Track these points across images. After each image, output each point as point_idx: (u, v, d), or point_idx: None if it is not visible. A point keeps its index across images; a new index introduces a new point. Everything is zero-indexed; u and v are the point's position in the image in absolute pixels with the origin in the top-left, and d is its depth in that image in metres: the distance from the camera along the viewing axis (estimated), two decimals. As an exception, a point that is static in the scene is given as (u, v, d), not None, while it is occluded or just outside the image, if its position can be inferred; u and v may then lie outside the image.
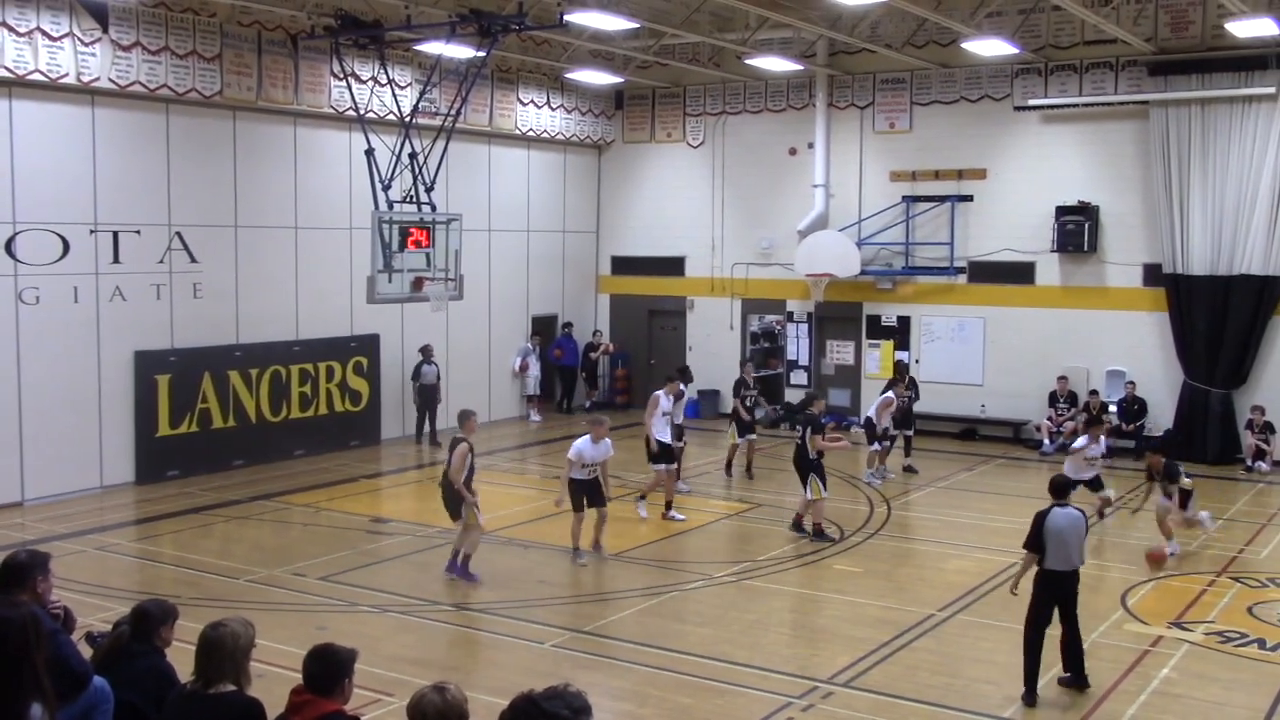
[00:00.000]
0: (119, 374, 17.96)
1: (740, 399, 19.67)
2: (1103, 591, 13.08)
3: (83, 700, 5.75)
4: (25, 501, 16.76)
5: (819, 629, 11.93)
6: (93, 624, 8.24)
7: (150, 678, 6.07)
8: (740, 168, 25.67)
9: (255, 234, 19.80)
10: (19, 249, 16.63)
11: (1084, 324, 22.11)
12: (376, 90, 20.29)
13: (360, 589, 13.05)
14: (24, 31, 15.98)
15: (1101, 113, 21.76)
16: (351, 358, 21.40)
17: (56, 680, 4.36)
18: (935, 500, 18.07)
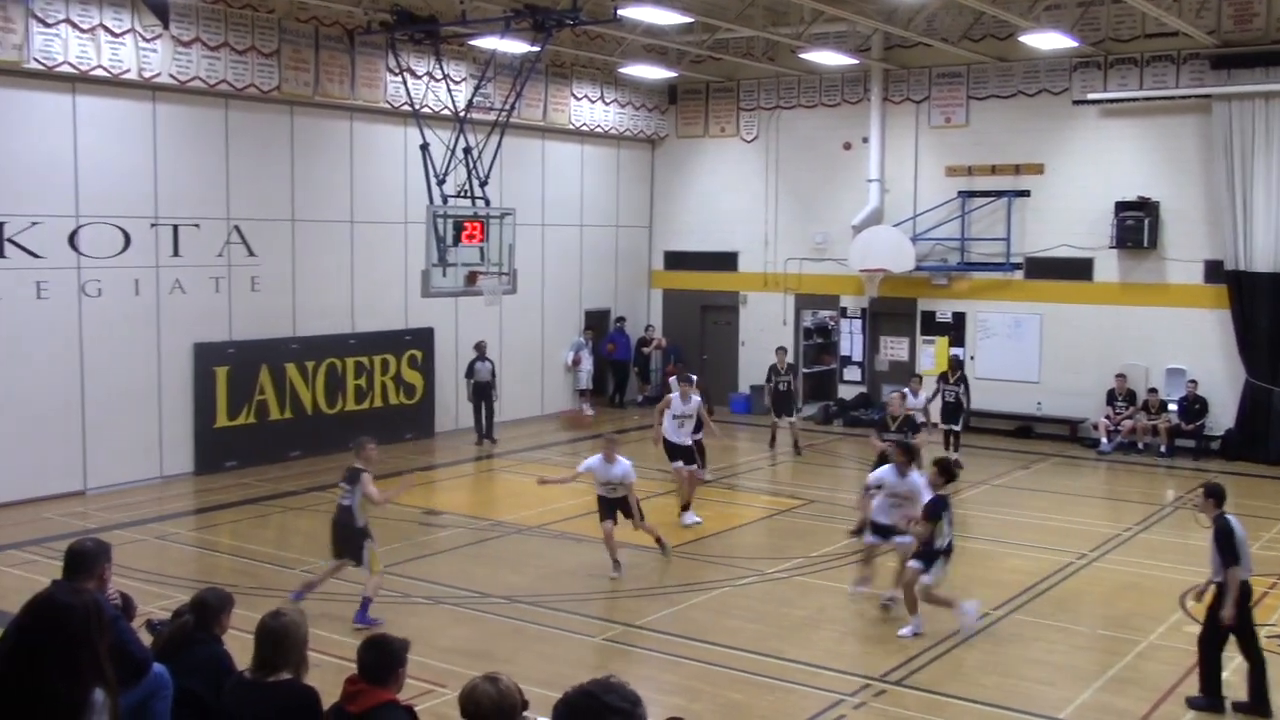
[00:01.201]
0: (178, 366, 18.23)
1: (773, 385, 21.29)
2: (1161, 593, 12.90)
3: (143, 686, 5.85)
4: (88, 491, 17.05)
5: (871, 627, 11.86)
6: (152, 612, 8.37)
7: (209, 665, 6.16)
8: (794, 162, 25.55)
9: (312, 228, 20.01)
10: (82, 242, 16.91)
11: (1143, 321, 21.80)
12: (431, 85, 20.42)
13: (414, 580, 13.16)
14: (87, 28, 16.24)
15: (1162, 107, 21.43)
16: (406, 351, 21.56)
17: (118, 667, 4.43)
18: (990, 498, 17.90)
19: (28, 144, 16.26)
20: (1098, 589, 13.29)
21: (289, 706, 5.55)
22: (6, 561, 13.16)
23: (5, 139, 15.99)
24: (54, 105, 16.53)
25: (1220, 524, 9.52)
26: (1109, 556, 14.51)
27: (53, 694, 4.14)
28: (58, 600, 4.37)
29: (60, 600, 4.36)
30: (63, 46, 15.99)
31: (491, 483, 19.52)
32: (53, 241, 16.58)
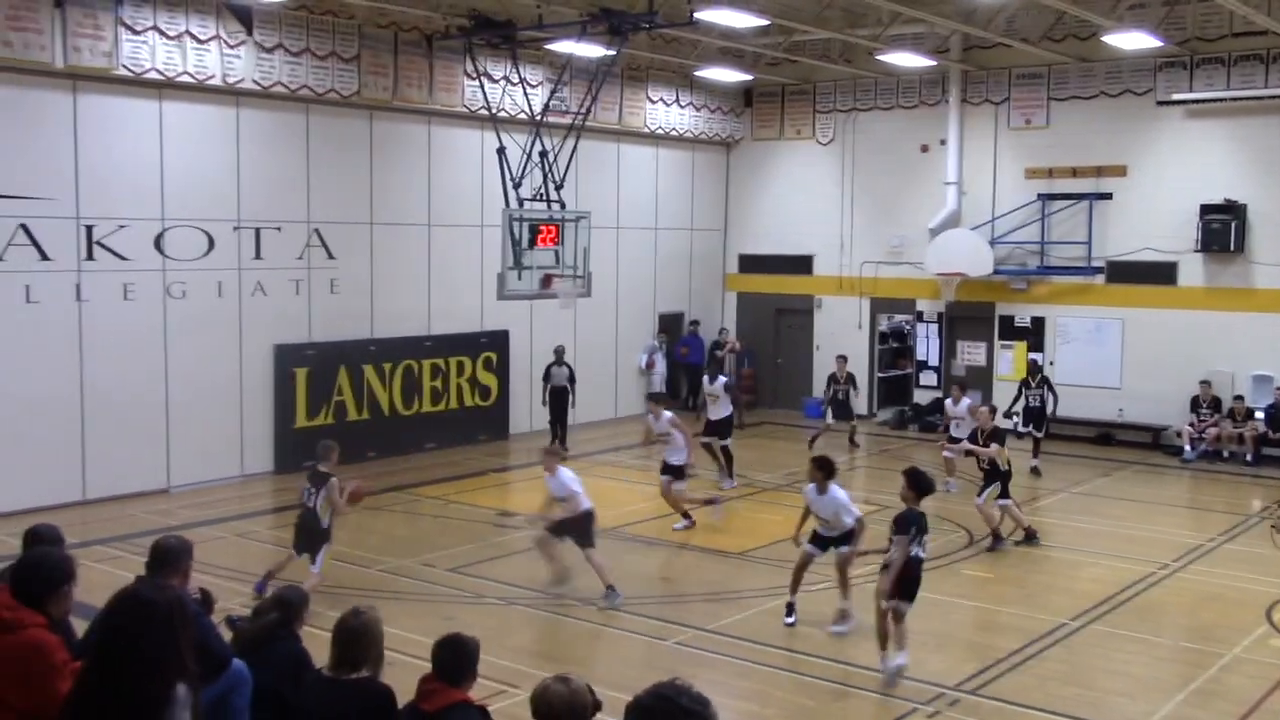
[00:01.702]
0: (259, 366, 18.55)
1: (832, 393, 21.71)
2: (1247, 605, 12.61)
3: (223, 681, 5.97)
4: (171, 489, 17.41)
5: (946, 635, 11.73)
6: (232, 608, 8.52)
7: (288, 661, 6.26)
8: (870, 165, 25.36)
9: (390, 231, 20.25)
10: (167, 245, 17.28)
11: (1229, 326, 21.31)
12: (508, 89, 20.56)
13: (486, 581, 13.26)
14: (174, 35, 16.59)
15: (1250, 107, 20.94)
16: (481, 353, 21.73)
17: (199, 662, 4.52)
18: (1069, 506, 17.61)
19: (116, 149, 16.66)
20: (1180, 600, 13.02)
21: (366, 704, 5.63)
22: (93, 557, 13.48)
23: (94, 144, 16.39)
24: (141, 111, 16.92)
25: None
26: (1192, 567, 14.21)
27: (137, 688, 4.23)
28: (143, 596, 4.46)
29: (145, 596, 4.46)
30: (150, 53, 16.36)
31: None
32: (139, 244, 16.96)
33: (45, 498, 15.69)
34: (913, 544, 9.92)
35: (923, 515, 10.11)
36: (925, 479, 10.29)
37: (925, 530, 10.10)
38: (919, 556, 10.04)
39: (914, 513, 10.07)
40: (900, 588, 9.99)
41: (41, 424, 16.06)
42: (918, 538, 9.97)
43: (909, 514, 10.05)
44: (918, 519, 10.03)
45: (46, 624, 5.19)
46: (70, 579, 5.41)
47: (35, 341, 15.99)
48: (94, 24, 15.76)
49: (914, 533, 9.94)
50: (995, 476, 15.07)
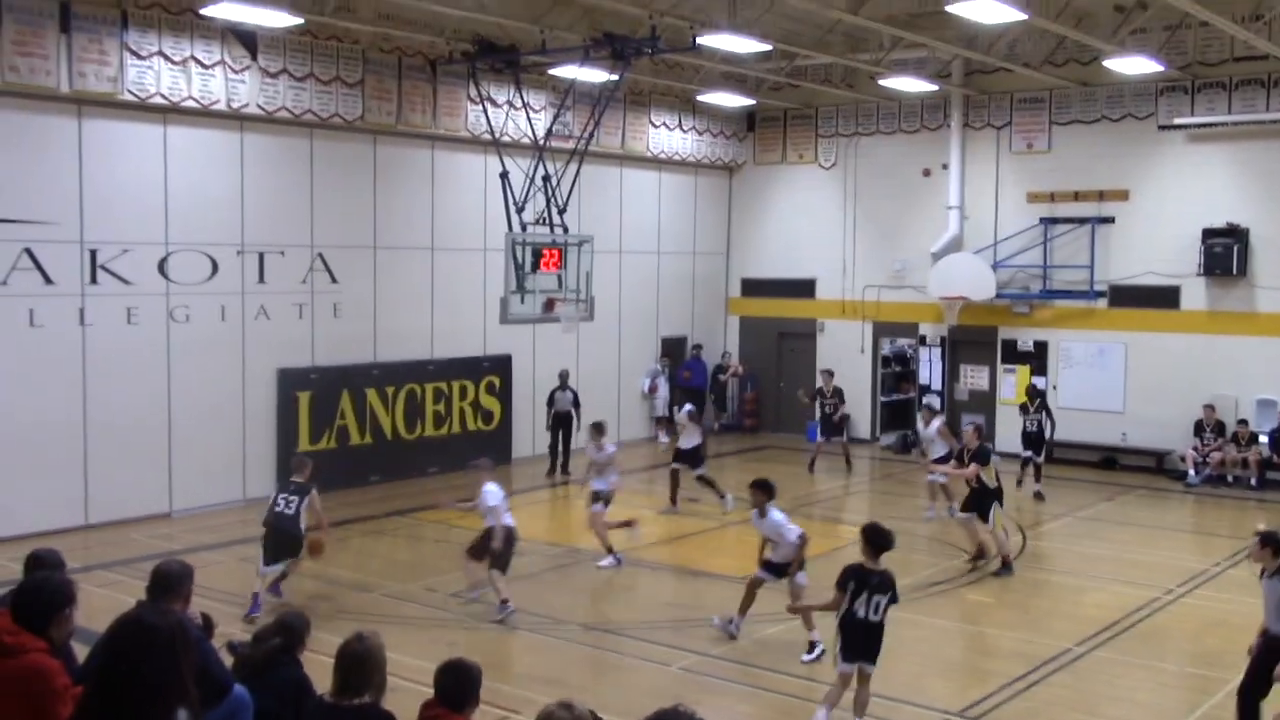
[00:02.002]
0: (262, 390, 18.55)
1: (821, 407, 22.04)
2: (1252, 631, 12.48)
3: (224, 707, 5.94)
4: (173, 513, 17.39)
5: (951, 660, 11.68)
6: (233, 633, 8.50)
7: (290, 687, 6.24)
8: (873, 189, 25.42)
9: (393, 255, 20.29)
10: (171, 269, 17.32)
11: (1232, 350, 21.29)
12: (511, 114, 20.64)
13: (490, 606, 13.19)
14: (179, 60, 16.67)
15: (1252, 131, 20.99)
16: (484, 377, 21.74)
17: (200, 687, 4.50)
18: (1072, 531, 17.56)
19: (120, 173, 16.71)
20: (1185, 626, 12.97)
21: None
22: (94, 581, 13.45)
23: (99, 168, 16.45)
24: (146, 135, 16.98)
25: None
26: (1197, 592, 14.15)
27: (139, 713, 4.21)
28: (145, 621, 4.44)
29: (147, 621, 4.44)
30: (155, 78, 16.43)
31: (568, 509, 19.55)
32: (143, 268, 16.99)
33: (48, 522, 15.67)
34: (855, 601, 9.14)
35: (870, 573, 9.23)
36: (879, 535, 9.42)
37: (876, 590, 9.18)
38: (858, 615, 9.17)
39: (855, 568, 9.29)
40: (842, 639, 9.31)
41: (44, 448, 16.06)
42: (861, 595, 9.14)
43: (849, 568, 9.32)
44: (858, 574, 9.22)
45: (48, 649, 5.18)
46: (71, 602, 5.40)
47: (39, 365, 16.00)
48: (99, 49, 15.84)
49: (852, 588, 9.15)
50: (987, 496, 14.90)
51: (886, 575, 9.27)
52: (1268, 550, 9.21)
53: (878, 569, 9.24)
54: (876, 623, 9.20)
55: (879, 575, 9.20)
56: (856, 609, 9.14)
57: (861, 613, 9.14)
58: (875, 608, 9.18)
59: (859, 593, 9.13)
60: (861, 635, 9.20)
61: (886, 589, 9.24)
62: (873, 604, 9.16)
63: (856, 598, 9.13)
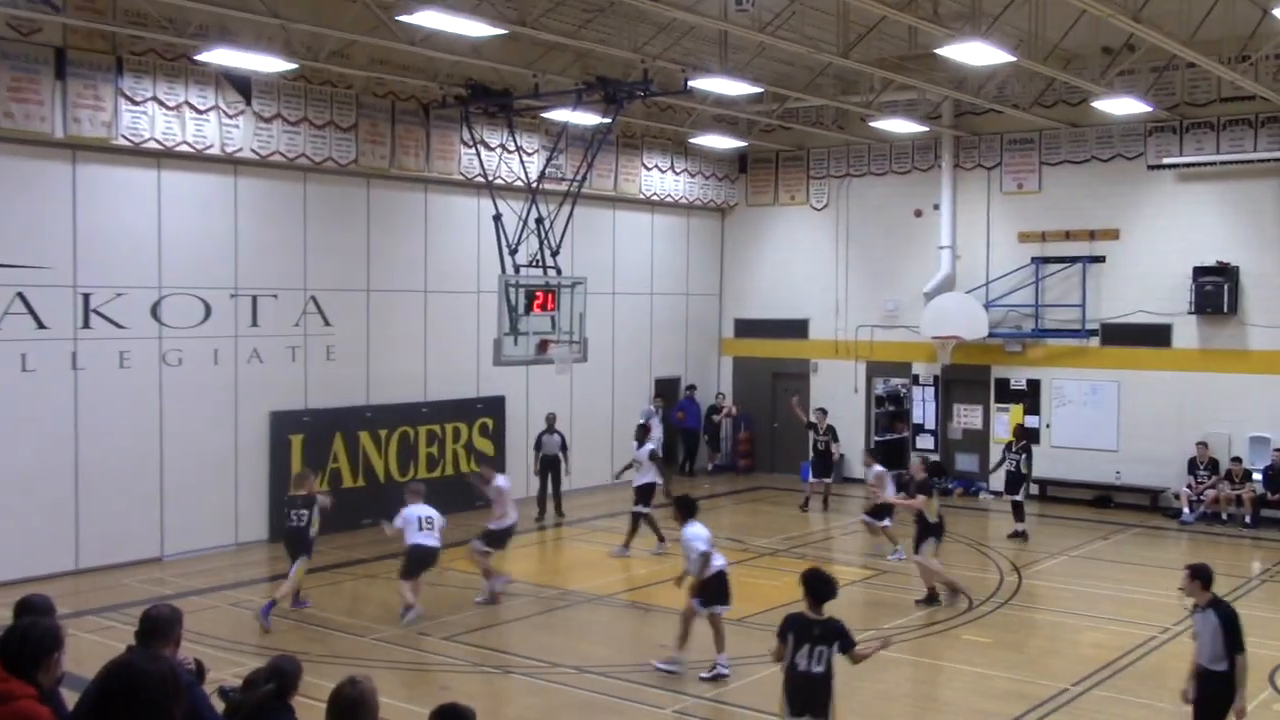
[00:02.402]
0: (255, 434, 18.51)
1: (814, 442, 22.32)
2: (1249, 670, 12.47)
3: (215, 753, 5.88)
4: (164, 557, 17.29)
5: (947, 701, 11.61)
6: (225, 678, 8.43)
7: (281, 733, 6.17)
8: (865, 230, 25.54)
9: (386, 298, 20.32)
10: (164, 313, 17.32)
11: (1225, 388, 21.34)
12: (505, 157, 20.73)
13: (482, 649, 13.13)
14: (173, 105, 16.76)
15: (1241, 171, 21.15)
16: (478, 419, 21.71)
17: (191, 733, 4.46)
18: (1068, 570, 17.51)
19: (114, 218, 16.75)
20: (1182, 664, 12.79)
21: (360, 775, 5.54)
22: (85, 627, 13.35)
23: (92, 213, 16.48)
24: (139, 180, 17.04)
25: (1228, 608, 9.13)
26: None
27: (128, 760, 4.17)
28: (136, 667, 4.41)
29: (138, 667, 4.41)
30: (149, 123, 16.51)
31: (561, 551, 19.49)
32: (136, 312, 17.00)
33: (38, 567, 15.58)
34: (796, 652, 8.52)
35: (812, 623, 8.58)
36: (819, 583, 8.72)
37: (818, 640, 8.50)
38: (799, 668, 8.51)
39: (796, 617, 8.69)
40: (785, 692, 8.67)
41: (35, 492, 15.99)
42: (803, 646, 8.50)
43: (790, 618, 8.73)
44: (798, 624, 8.60)
45: (37, 695, 5.13)
46: (59, 647, 5.36)
47: (31, 409, 15.96)
48: (94, 95, 15.92)
49: (791, 639, 8.55)
50: (927, 530, 15.12)
51: (830, 624, 8.60)
52: (1197, 583, 9.17)
53: (820, 618, 8.59)
54: (819, 674, 8.47)
55: (821, 625, 8.55)
56: (798, 661, 8.48)
57: (803, 665, 8.47)
58: (818, 658, 8.46)
59: (800, 644, 8.49)
60: (803, 688, 8.52)
61: (831, 639, 8.53)
62: (815, 655, 8.46)
63: (798, 649, 8.49)
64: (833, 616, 8.70)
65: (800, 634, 8.49)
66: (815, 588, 8.65)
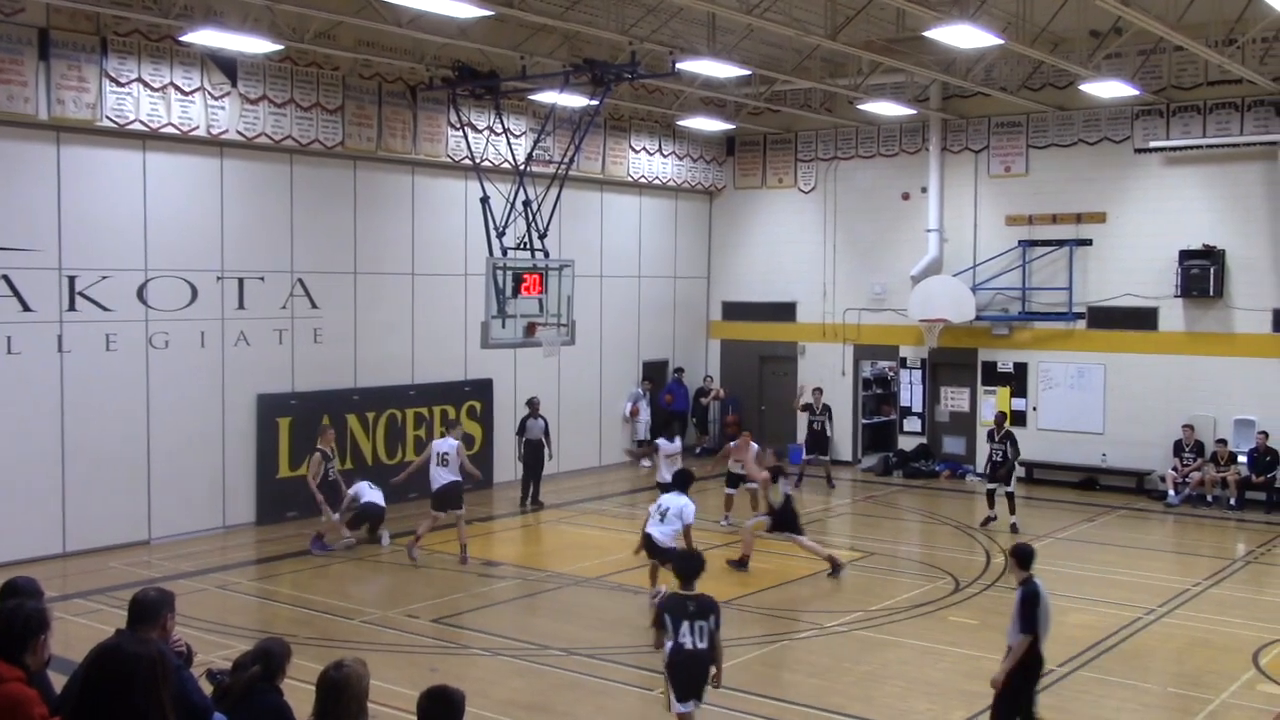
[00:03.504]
0: (242, 416, 18.46)
1: (810, 422, 22.57)
2: (1234, 650, 12.58)
3: (204, 735, 5.88)
4: (152, 540, 17.26)
5: (934, 682, 11.67)
6: (212, 661, 8.43)
7: (270, 715, 6.17)
8: (852, 213, 25.54)
9: (373, 280, 20.26)
10: (150, 295, 17.25)
11: (1210, 371, 21.43)
12: (492, 139, 20.68)
13: (471, 631, 13.15)
14: (158, 87, 16.65)
15: (1227, 154, 21.20)
16: (465, 402, 21.68)
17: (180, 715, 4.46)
18: (1054, 552, 17.58)
19: (99, 200, 16.66)
20: (1168, 645, 13.00)
21: (348, 758, 5.55)
22: (72, 610, 13.34)
23: (77, 195, 16.39)
24: (125, 162, 16.94)
25: (1030, 588, 9.20)
26: (1178, 612, 14.19)
27: (117, 743, 4.17)
28: (124, 650, 4.41)
29: (127, 650, 4.41)
30: (134, 105, 16.41)
31: (549, 534, 19.50)
32: (122, 295, 16.92)
33: (25, 550, 15.54)
34: (679, 632, 8.74)
35: (686, 599, 8.87)
36: (684, 561, 9.29)
37: (696, 616, 8.75)
38: (686, 647, 8.75)
39: (670, 598, 9.05)
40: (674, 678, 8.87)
41: (21, 475, 15.93)
42: (682, 624, 8.75)
43: (663, 602, 9.14)
44: (673, 604, 8.90)
45: (24, 677, 5.13)
46: (45, 629, 5.36)
47: (16, 392, 15.89)
48: (78, 76, 15.81)
49: (669, 621, 8.81)
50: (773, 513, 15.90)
51: (703, 599, 8.88)
52: (1014, 561, 9.42)
53: (693, 594, 8.89)
54: (704, 650, 8.76)
55: (695, 600, 8.84)
56: (683, 641, 8.72)
57: (689, 643, 8.71)
58: (700, 633, 8.74)
59: (679, 623, 8.72)
60: (692, 667, 8.77)
61: (707, 613, 8.79)
62: (696, 630, 8.73)
63: (679, 629, 8.71)
64: (704, 592, 9.01)
65: (677, 613, 8.76)
66: (682, 566, 9.14)
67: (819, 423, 22.57)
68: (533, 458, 20.98)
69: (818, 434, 22.59)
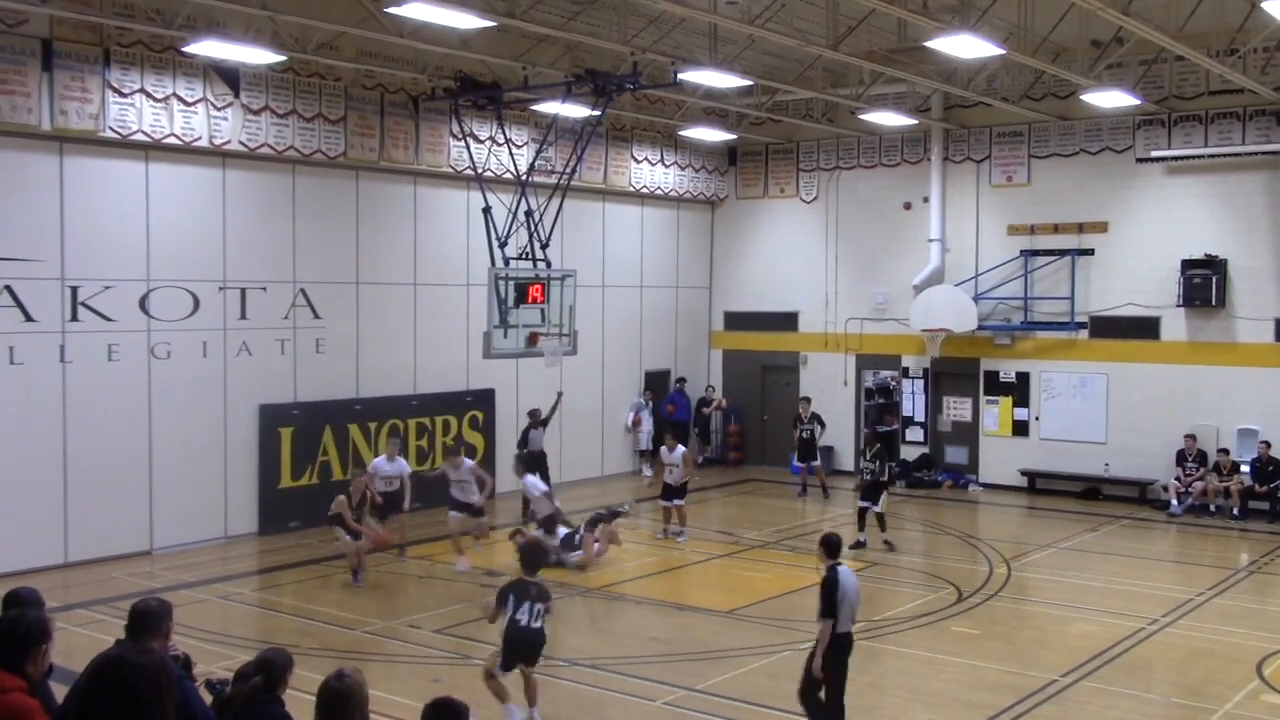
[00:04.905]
0: (244, 426, 18.46)
1: (799, 431, 22.59)
2: (1237, 660, 12.55)
3: (204, 746, 5.87)
4: (154, 550, 17.25)
5: (936, 693, 11.64)
6: (213, 671, 8.41)
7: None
8: (854, 223, 25.55)
9: (375, 290, 20.27)
10: (152, 306, 17.26)
11: (1213, 380, 21.41)
12: (494, 149, 20.71)
13: (473, 642, 13.12)
14: (161, 97, 16.69)
15: (1229, 164, 21.20)
16: (467, 412, 21.68)
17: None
18: (1057, 562, 17.57)
19: (102, 210, 16.68)
20: (1171, 656, 12.97)
21: (350, 768, 5.54)
22: (74, 621, 13.32)
23: (80, 206, 16.41)
24: (127, 172, 16.97)
25: (829, 575, 9.75)
26: (1181, 622, 14.16)
27: (118, 753, 4.16)
28: (126, 660, 4.40)
29: (129, 660, 4.39)
30: (137, 116, 16.44)
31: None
32: (124, 305, 16.93)
33: (27, 560, 15.52)
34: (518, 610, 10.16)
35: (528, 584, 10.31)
36: (530, 552, 10.96)
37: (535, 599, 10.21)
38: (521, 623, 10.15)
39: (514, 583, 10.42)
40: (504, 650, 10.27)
41: (24, 486, 15.93)
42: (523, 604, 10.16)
43: (507, 585, 10.47)
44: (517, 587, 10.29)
45: (26, 687, 5.12)
46: (46, 639, 5.34)
47: (18, 403, 15.90)
48: (81, 87, 15.85)
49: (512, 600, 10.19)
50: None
51: (542, 585, 10.46)
52: (821, 550, 10.05)
53: (534, 580, 10.41)
54: (538, 629, 10.22)
55: (536, 586, 10.34)
56: (519, 617, 10.13)
57: (524, 620, 10.14)
58: (535, 614, 10.18)
59: (520, 603, 10.15)
60: (523, 641, 10.20)
61: (544, 597, 10.32)
62: (534, 611, 10.18)
63: (518, 607, 10.13)
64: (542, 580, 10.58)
65: (519, 595, 10.22)
66: (528, 557, 10.80)
67: (808, 431, 22.62)
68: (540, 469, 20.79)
69: (807, 442, 22.64)
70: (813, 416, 22.79)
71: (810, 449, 22.71)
